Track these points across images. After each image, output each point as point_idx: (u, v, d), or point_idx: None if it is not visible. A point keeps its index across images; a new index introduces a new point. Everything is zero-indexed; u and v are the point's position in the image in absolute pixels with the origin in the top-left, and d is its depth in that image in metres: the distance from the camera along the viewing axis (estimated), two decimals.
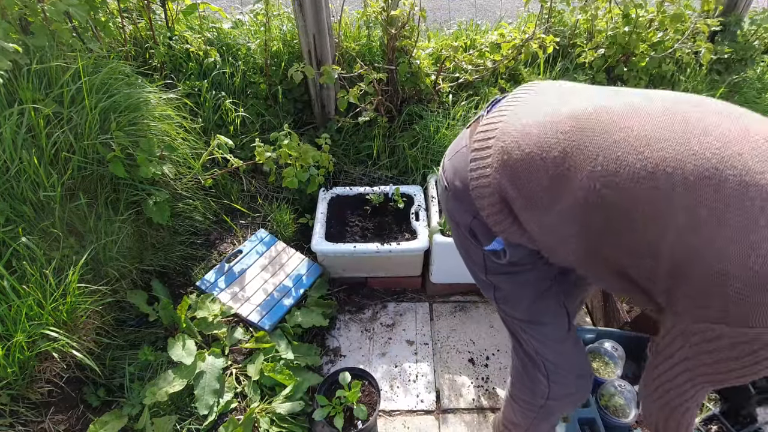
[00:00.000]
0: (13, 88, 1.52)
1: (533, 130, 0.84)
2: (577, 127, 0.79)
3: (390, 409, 1.68)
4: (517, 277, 1.08)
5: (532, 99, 0.94)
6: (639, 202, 0.72)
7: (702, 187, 0.66)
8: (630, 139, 0.73)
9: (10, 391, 1.32)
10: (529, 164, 0.83)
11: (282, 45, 2.45)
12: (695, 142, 0.69)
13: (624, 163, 0.72)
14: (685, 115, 0.72)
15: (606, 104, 0.79)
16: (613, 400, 1.52)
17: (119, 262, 1.68)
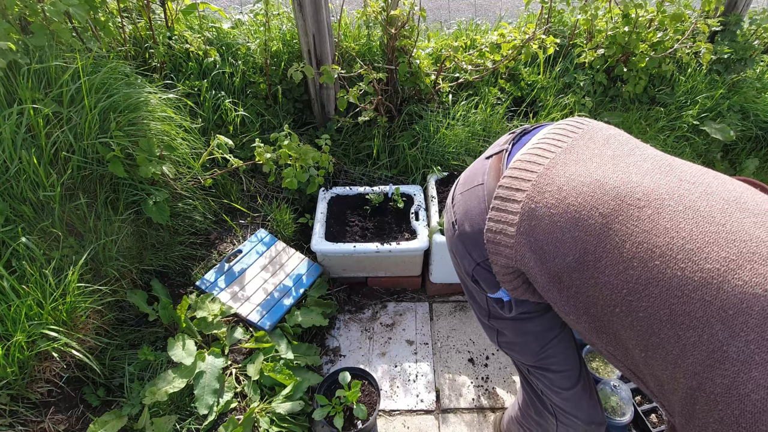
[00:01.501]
0: (13, 88, 1.52)
1: (572, 199, 0.71)
2: (618, 210, 0.66)
3: (390, 408, 1.68)
4: (523, 324, 0.98)
5: (578, 147, 0.79)
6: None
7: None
8: (673, 247, 0.60)
9: (9, 391, 1.32)
10: (558, 239, 0.72)
11: (282, 45, 2.45)
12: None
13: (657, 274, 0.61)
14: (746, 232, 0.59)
15: (655, 187, 0.66)
16: (610, 401, 1.52)
17: (119, 261, 1.68)
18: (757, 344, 0.53)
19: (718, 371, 0.55)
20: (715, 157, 2.78)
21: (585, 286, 0.70)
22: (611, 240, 0.66)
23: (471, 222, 0.88)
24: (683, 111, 2.71)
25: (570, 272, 0.71)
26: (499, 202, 0.79)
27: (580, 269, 0.70)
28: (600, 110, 2.67)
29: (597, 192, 0.70)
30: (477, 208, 0.86)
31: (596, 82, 2.67)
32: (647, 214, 0.64)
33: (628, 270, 0.64)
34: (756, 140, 2.90)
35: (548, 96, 2.59)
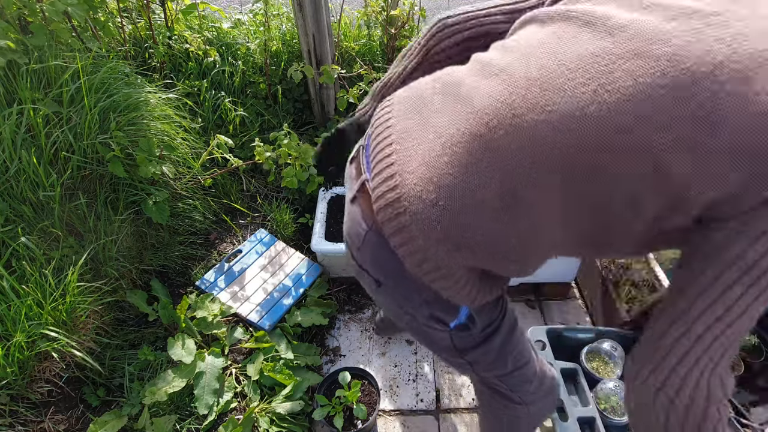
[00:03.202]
0: (13, 88, 1.52)
1: (444, 169, 0.68)
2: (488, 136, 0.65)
3: (390, 408, 1.68)
4: (492, 340, 0.93)
5: (402, 120, 0.76)
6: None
7: None
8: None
9: (9, 391, 1.32)
10: (461, 219, 0.68)
11: (281, 45, 2.45)
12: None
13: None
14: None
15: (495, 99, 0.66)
16: (610, 400, 1.52)
17: (119, 261, 1.68)
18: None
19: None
20: None
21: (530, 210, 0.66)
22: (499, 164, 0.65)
23: (388, 271, 0.81)
24: None
25: (498, 211, 0.67)
26: (394, 238, 0.73)
27: (505, 207, 0.66)
28: None
29: (446, 143, 0.68)
30: (382, 255, 0.79)
31: None
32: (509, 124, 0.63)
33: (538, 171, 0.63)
34: None
35: None
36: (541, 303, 2.10)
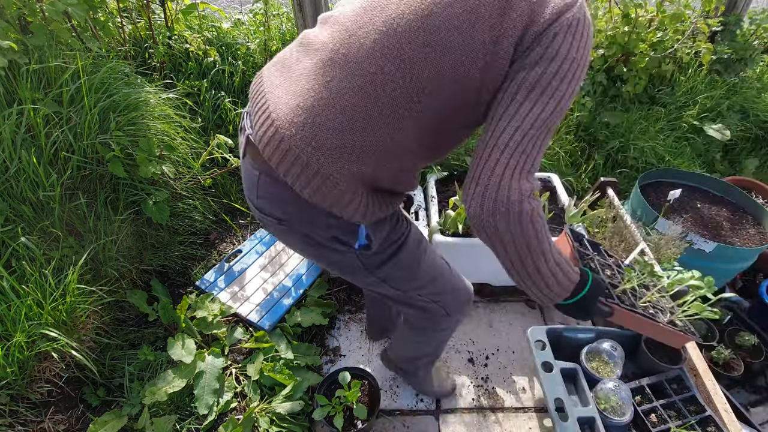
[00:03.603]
0: (13, 88, 1.52)
1: (294, 101, 0.87)
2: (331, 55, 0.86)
3: (390, 408, 1.68)
4: (398, 255, 1.06)
5: (271, 78, 0.94)
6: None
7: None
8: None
9: (9, 391, 1.32)
10: (336, 126, 0.84)
11: (281, 44, 2.45)
12: None
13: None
14: None
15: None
16: (610, 400, 1.52)
17: (119, 262, 1.68)
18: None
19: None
20: (714, 157, 2.78)
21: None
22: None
23: (285, 205, 0.94)
24: (683, 111, 2.71)
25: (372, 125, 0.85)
26: (282, 163, 0.86)
27: (365, 108, 0.84)
28: (600, 110, 2.67)
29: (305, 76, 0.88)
30: (276, 191, 0.93)
31: (596, 82, 2.67)
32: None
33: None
34: (756, 140, 2.90)
35: None
36: None
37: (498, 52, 0.79)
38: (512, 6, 0.78)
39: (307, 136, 0.84)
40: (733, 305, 2.09)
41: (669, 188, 2.20)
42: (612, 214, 2.00)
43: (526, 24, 0.78)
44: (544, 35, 0.78)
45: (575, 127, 2.61)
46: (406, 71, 0.81)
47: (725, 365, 1.84)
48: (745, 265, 1.99)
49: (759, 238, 2.02)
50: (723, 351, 1.83)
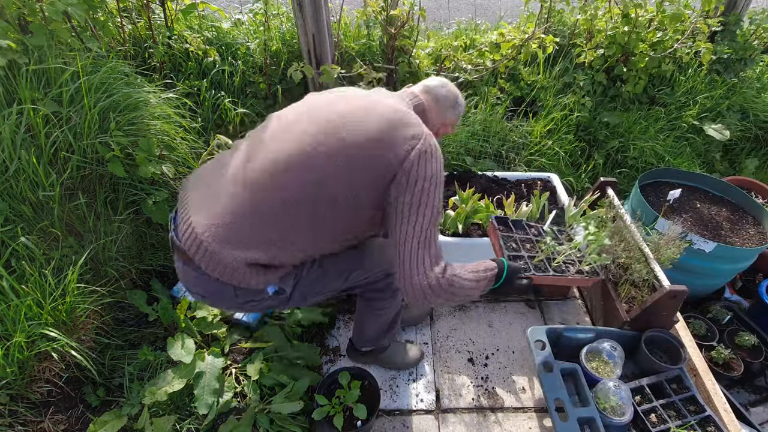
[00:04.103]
0: (12, 88, 1.52)
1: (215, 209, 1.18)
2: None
3: (390, 408, 1.68)
4: (306, 278, 1.30)
5: (191, 191, 1.25)
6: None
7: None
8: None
9: (9, 391, 1.32)
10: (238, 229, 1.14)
11: (281, 44, 2.45)
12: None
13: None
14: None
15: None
16: (610, 400, 1.52)
17: (119, 261, 1.68)
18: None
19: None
20: (714, 157, 2.79)
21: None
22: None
23: (207, 287, 1.22)
24: (683, 111, 2.71)
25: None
26: (201, 260, 1.16)
27: (260, 216, 1.16)
28: (600, 110, 2.67)
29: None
30: (199, 278, 1.20)
31: (596, 81, 2.67)
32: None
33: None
34: (756, 140, 2.90)
35: (548, 96, 2.59)
36: (540, 303, 2.10)
37: (373, 190, 1.16)
38: (381, 160, 1.13)
39: (215, 236, 1.14)
40: (733, 305, 2.09)
41: (669, 188, 2.20)
42: (612, 214, 2.00)
43: (394, 168, 1.13)
44: (404, 169, 1.13)
45: (575, 127, 2.61)
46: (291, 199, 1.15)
47: (725, 365, 1.84)
48: (745, 265, 1.99)
49: (759, 238, 2.02)
50: (723, 351, 1.83)
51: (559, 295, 2.11)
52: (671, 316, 1.70)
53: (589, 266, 1.63)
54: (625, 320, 1.72)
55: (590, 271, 1.62)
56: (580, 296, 2.13)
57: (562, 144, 2.50)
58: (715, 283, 2.10)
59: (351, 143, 1.12)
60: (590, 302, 2.04)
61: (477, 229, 1.91)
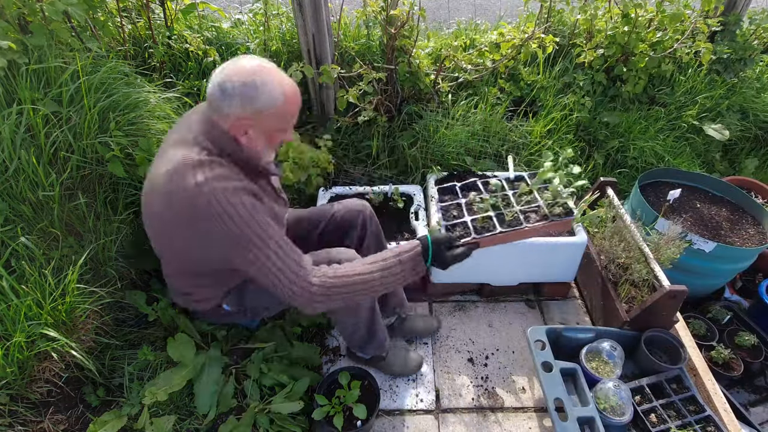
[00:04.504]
0: (12, 88, 1.52)
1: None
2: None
3: (390, 408, 1.68)
4: (247, 294, 1.46)
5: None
6: None
7: None
8: None
9: (9, 391, 1.32)
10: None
11: (281, 44, 2.45)
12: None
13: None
14: None
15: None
16: (610, 400, 1.52)
17: (118, 261, 1.68)
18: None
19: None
20: (714, 157, 2.79)
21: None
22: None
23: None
24: (683, 111, 2.71)
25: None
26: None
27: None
28: (599, 110, 2.67)
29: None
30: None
31: (596, 81, 2.67)
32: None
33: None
34: (755, 140, 2.90)
35: (548, 96, 2.58)
36: (540, 302, 2.10)
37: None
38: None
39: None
40: (732, 305, 2.09)
41: (669, 188, 2.20)
42: (612, 214, 2.00)
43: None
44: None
45: (575, 127, 2.61)
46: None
47: (725, 365, 1.84)
48: (745, 265, 1.99)
49: (758, 238, 2.02)
50: (723, 351, 1.83)
51: (559, 295, 2.11)
52: (671, 316, 1.70)
53: (560, 207, 1.45)
54: (625, 320, 1.72)
55: (561, 213, 1.46)
56: (580, 296, 2.13)
57: (562, 144, 2.50)
58: (715, 283, 2.10)
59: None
60: (590, 302, 2.04)
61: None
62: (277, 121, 1.20)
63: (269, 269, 1.17)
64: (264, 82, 1.13)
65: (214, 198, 1.12)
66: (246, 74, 1.13)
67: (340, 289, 1.19)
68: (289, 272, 1.16)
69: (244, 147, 1.22)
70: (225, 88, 1.13)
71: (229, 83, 1.13)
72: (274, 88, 1.15)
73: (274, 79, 1.15)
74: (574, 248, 1.89)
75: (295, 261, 1.18)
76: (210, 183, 1.13)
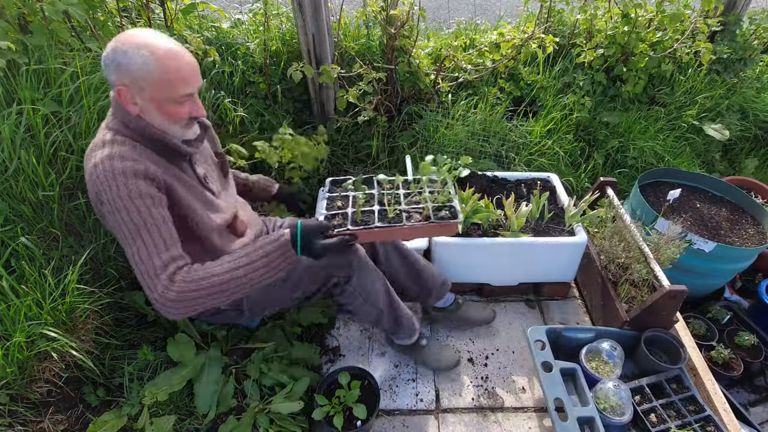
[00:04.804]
0: (12, 88, 1.52)
1: None
2: None
3: (390, 408, 1.68)
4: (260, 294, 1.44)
5: None
6: None
7: None
8: None
9: (9, 391, 1.32)
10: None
11: (281, 44, 2.45)
12: None
13: None
14: None
15: None
16: (610, 400, 1.52)
17: (118, 261, 1.68)
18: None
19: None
20: (714, 157, 2.79)
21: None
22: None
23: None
24: (683, 111, 2.71)
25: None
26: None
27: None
28: (599, 110, 2.67)
29: None
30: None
31: (596, 81, 2.67)
32: None
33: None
34: (755, 140, 2.90)
35: (548, 96, 2.59)
36: (540, 302, 2.10)
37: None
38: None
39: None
40: (732, 305, 2.09)
41: (668, 188, 2.20)
42: (612, 213, 2.00)
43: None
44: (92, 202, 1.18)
45: (575, 127, 2.61)
46: None
47: (725, 365, 1.84)
48: (745, 264, 2.00)
49: (758, 238, 2.02)
50: (722, 351, 1.83)
51: (559, 295, 2.11)
52: (671, 315, 1.70)
53: (447, 210, 1.41)
54: (624, 320, 1.72)
55: (446, 216, 1.40)
56: (580, 296, 2.13)
57: (562, 144, 2.50)
58: (715, 283, 2.10)
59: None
60: (590, 302, 2.04)
61: (477, 229, 1.91)
62: (160, 90, 1.14)
63: (137, 269, 1.11)
64: (135, 47, 1.10)
65: (97, 178, 1.10)
66: (119, 41, 1.11)
67: (198, 293, 1.12)
68: (148, 277, 1.10)
69: (142, 119, 1.17)
70: (104, 58, 1.13)
71: (105, 52, 1.12)
72: (146, 52, 1.10)
73: (145, 45, 1.11)
74: (574, 248, 1.89)
75: (157, 266, 1.10)
76: (102, 163, 1.10)
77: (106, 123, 1.21)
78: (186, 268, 1.13)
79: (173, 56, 1.13)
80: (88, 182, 1.14)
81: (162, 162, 1.21)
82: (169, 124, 1.20)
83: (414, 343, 1.74)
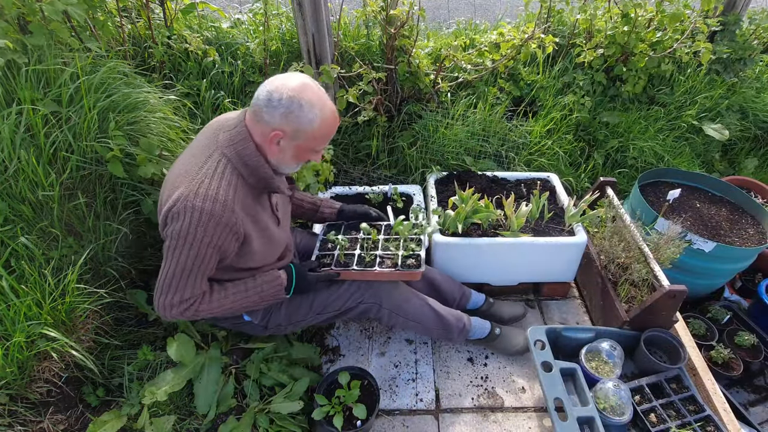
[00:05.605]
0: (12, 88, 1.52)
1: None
2: None
3: (390, 408, 1.68)
4: (276, 314, 1.55)
5: None
6: None
7: None
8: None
9: (8, 391, 1.32)
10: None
11: (281, 44, 2.45)
12: None
13: None
14: None
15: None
16: (610, 400, 1.52)
17: (118, 261, 1.68)
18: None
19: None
20: (714, 157, 2.79)
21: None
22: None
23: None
24: (682, 111, 2.71)
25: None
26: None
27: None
28: (599, 110, 2.68)
29: None
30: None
31: (595, 81, 2.67)
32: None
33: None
34: (755, 140, 2.90)
35: (547, 96, 2.59)
36: (540, 302, 2.10)
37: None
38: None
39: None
40: (732, 305, 2.09)
41: (668, 188, 2.20)
42: (611, 213, 2.00)
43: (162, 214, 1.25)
44: (162, 227, 1.27)
45: (575, 127, 2.61)
46: None
47: (724, 365, 1.84)
48: (745, 264, 2.00)
49: (758, 238, 2.02)
50: (722, 350, 1.83)
51: (558, 295, 2.11)
52: (671, 315, 1.70)
53: (413, 259, 1.62)
54: (624, 320, 1.73)
55: (412, 264, 1.60)
56: (579, 296, 2.13)
57: (562, 144, 2.50)
58: (715, 282, 2.11)
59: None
60: (590, 302, 2.04)
61: (477, 229, 1.91)
62: (310, 141, 1.26)
63: (161, 281, 1.26)
64: (310, 103, 1.20)
65: (193, 208, 1.19)
66: (296, 90, 1.19)
67: (195, 317, 1.33)
68: (164, 296, 1.25)
69: (270, 158, 1.28)
70: (272, 98, 1.19)
71: (277, 94, 1.19)
72: (317, 111, 1.21)
73: (319, 102, 1.22)
74: (574, 248, 1.89)
75: (176, 299, 1.25)
76: (204, 201, 1.20)
77: (220, 146, 1.26)
78: (197, 303, 1.29)
79: (333, 119, 1.27)
80: (181, 198, 1.19)
81: (252, 195, 1.32)
82: (290, 164, 1.33)
83: (488, 335, 1.80)
